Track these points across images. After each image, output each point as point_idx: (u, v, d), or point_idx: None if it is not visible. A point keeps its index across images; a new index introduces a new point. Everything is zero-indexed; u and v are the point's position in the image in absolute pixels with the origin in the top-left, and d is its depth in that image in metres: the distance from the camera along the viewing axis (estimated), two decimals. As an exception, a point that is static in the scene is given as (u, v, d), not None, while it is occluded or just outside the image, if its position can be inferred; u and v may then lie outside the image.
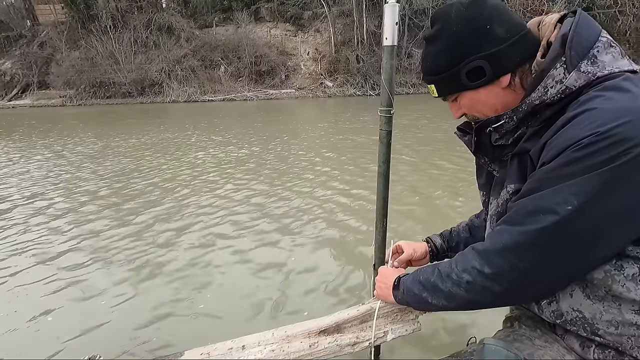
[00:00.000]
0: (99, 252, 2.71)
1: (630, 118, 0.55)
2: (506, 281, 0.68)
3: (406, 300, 0.89)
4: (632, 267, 0.62)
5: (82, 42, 22.30)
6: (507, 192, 0.76)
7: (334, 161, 5.21)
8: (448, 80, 0.77)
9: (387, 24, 0.81)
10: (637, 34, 20.68)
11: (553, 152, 0.61)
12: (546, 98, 0.66)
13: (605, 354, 0.68)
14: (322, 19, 22.92)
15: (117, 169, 5.34)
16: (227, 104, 18.55)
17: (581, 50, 0.64)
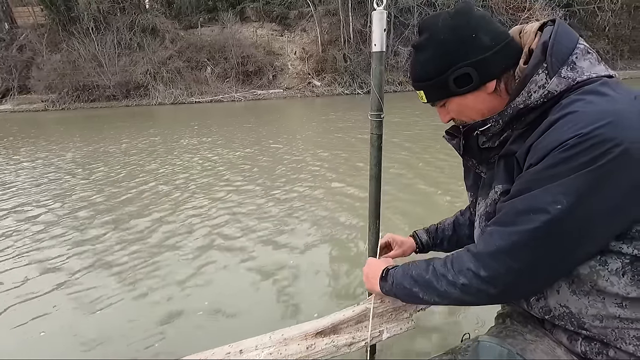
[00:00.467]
0: (98, 257, 2.68)
1: (611, 119, 0.58)
2: (502, 283, 0.70)
3: (394, 292, 0.91)
4: (616, 262, 0.65)
5: (63, 44, 21.81)
6: (495, 192, 0.79)
7: (327, 161, 5.23)
8: (436, 87, 0.79)
9: (375, 31, 0.83)
10: (616, 30, 21.25)
11: (539, 154, 0.64)
12: (530, 102, 0.69)
13: (591, 346, 0.71)
14: (309, 18, 22.89)
15: (111, 174, 5.26)
16: (215, 105, 18.39)
17: (561, 56, 0.67)
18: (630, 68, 20.89)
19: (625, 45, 21.36)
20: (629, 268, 0.64)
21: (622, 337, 0.67)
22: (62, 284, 2.34)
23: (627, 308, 0.65)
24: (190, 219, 3.35)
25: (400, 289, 0.88)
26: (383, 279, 0.94)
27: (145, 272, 2.43)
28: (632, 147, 0.56)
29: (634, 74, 19.94)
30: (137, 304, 2.10)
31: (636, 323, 0.66)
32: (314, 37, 22.36)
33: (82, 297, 2.19)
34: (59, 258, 2.72)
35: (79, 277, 2.42)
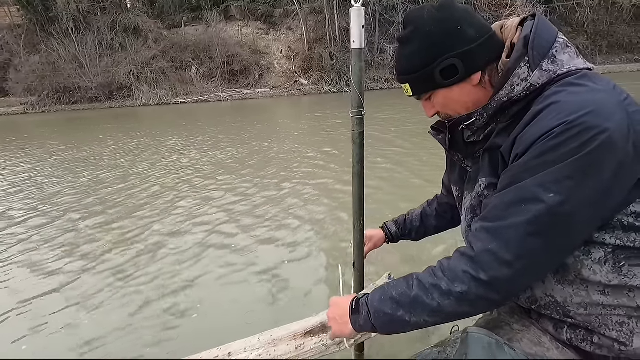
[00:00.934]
0: (87, 261, 2.62)
1: (593, 108, 0.59)
2: (505, 285, 0.66)
3: (371, 324, 0.78)
4: (599, 251, 0.66)
5: (42, 45, 21.20)
6: (480, 186, 0.80)
7: (317, 159, 5.22)
8: (422, 79, 0.79)
9: (353, 28, 0.83)
10: (594, 25, 21.80)
11: (525, 144, 0.64)
12: (513, 95, 0.70)
13: (576, 334, 0.73)
14: (294, 16, 22.80)
15: (100, 178, 5.14)
16: (201, 105, 18.17)
17: (542, 50, 0.69)
18: (609, 63, 21.48)
19: (603, 41, 21.94)
20: (611, 257, 0.66)
21: (606, 324, 0.69)
22: (57, 288, 2.29)
23: (609, 295, 0.67)
24: (181, 220, 3.30)
25: (379, 317, 0.77)
26: (354, 311, 0.81)
27: (135, 277, 2.39)
28: (613, 134, 0.58)
29: (612, 68, 20.50)
30: (127, 307, 2.06)
31: (618, 309, 0.67)
32: (300, 35, 22.28)
33: (75, 298, 2.14)
34: (49, 263, 2.65)
35: (72, 280, 2.37)
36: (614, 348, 0.69)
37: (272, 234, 2.90)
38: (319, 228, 2.93)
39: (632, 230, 0.64)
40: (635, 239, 0.64)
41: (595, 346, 0.71)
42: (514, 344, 0.75)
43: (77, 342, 1.82)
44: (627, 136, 0.59)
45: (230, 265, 2.47)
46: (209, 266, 2.47)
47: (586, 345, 0.72)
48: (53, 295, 2.25)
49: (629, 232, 0.64)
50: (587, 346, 0.72)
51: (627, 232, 0.64)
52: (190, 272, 2.39)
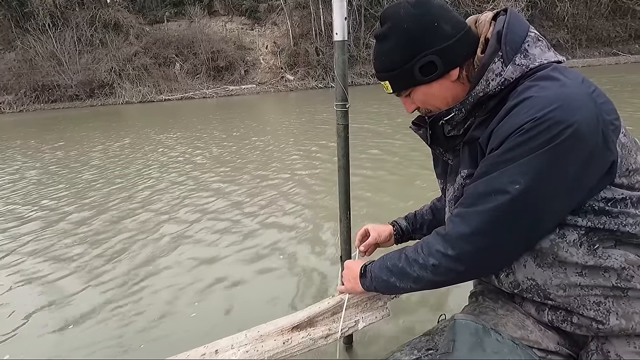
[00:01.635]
0: (73, 266, 2.55)
1: (562, 103, 0.62)
2: (469, 260, 0.74)
3: (374, 286, 0.92)
4: (572, 234, 0.70)
5: (17, 42, 20.47)
6: (461, 177, 0.82)
7: (309, 157, 5.18)
8: (402, 76, 0.79)
9: (336, 20, 0.82)
10: (574, 19, 22.30)
11: (499, 138, 0.67)
12: (489, 90, 0.72)
13: (557, 315, 0.77)
14: (279, 11, 22.59)
15: (88, 179, 5.00)
16: (186, 102, 17.86)
17: (514, 45, 0.71)
18: (588, 56, 22.04)
19: (583, 35, 22.48)
20: (585, 239, 0.70)
21: (584, 304, 0.72)
22: (46, 292, 2.22)
23: (586, 276, 0.71)
24: (185, 213, 3.25)
25: (379, 281, 0.90)
26: (362, 275, 0.95)
27: (126, 282, 2.35)
28: (580, 127, 0.61)
29: (592, 62, 21.05)
30: (119, 310, 2.02)
31: (595, 289, 0.71)
32: (285, 30, 22.10)
33: (62, 301, 2.09)
34: (30, 269, 2.58)
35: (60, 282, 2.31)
36: (592, 327, 0.73)
37: (273, 220, 2.89)
38: (308, 223, 2.93)
39: (603, 214, 0.68)
40: (605, 221, 0.68)
41: (574, 326, 0.75)
42: (499, 328, 0.78)
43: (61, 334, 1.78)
44: (596, 127, 0.63)
45: (211, 262, 2.45)
46: (190, 262, 2.44)
47: (566, 326, 0.76)
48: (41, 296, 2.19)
49: (599, 215, 0.68)
50: (567, 326, 0.76)
51: (597, 216, 0.68)
52: (185, 268, 2.36)
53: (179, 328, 1.83)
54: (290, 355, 1.00)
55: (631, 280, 0.70)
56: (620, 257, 0.69)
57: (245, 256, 2.51)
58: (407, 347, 0.89)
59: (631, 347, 0.72)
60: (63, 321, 1.97)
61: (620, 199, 0.68)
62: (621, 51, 21.97)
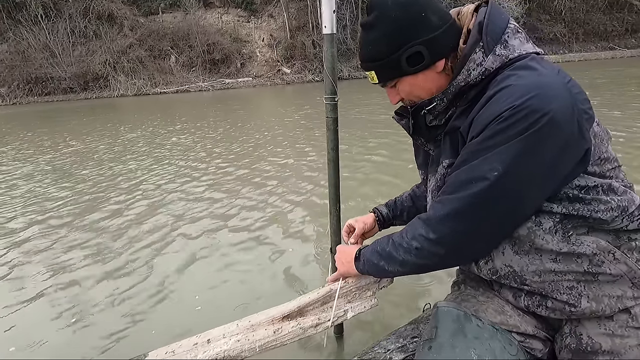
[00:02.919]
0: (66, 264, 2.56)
1: (538, 92, 0.64)
2: (449, 244, 0.76)
3: (367, 269, 0.95)
4: (548, 221, 0.73)
5: (9, 33, 20.14)
6: (443, 167, 0.84)
7: (307, 153, 5.18)
8: (389, 66, 0.80)
9: (325, 13, 0.82)
10: (571, 13, 22.24)
11: (479, 127, 0.70)
12: (470, 79, 0.74)
13: (532, 300, 0.80)
14: (275, 3, 22.36)
15: (90, 176, 4.97)
16: (181, 95, 17.71)
17: (495, 36, 0.73)
18: (585, 50, 22.03)
19: (580, 29, 22.43)
20: (560, 226, 0.73)
21: (557, 289, 0.76)
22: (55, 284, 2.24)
23: (560, 262, 0.74)
24: (186, 207, 3.26)
25: (370, 265, 0.93)
26: (357, 259, 0.98)
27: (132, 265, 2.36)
28: (556, 115, 0.64)
29: (588, 56, 21.06)
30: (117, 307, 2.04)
31: (568, 275, 0.75)
32: (282, 23, 21.90)
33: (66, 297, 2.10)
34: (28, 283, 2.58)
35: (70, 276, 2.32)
36: (565, 310, 0.77)
37: (269, 222, 2.90)
38: (302, 217, 2.95)
39: (576, 201, 0.71)
40: (579, 207, 0.71)
41: (549, 310, 0.79)
42: (480, 314, 0.81)
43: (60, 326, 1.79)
44: (571, 115, 0.65)
45: (205, 258, 2.46)
46: (184, 254, 2.46)
47: (541, 310, 0.80)
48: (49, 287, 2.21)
49: (573, 202, 0.71)
50: (543, 310, 0.79)
51: (572, 203, 0.71)
52: (184, 262, 2.38)
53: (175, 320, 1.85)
54: (281, 344, 1.03)
55: (601, 265, 0.73)
56: (592, 243, 0.72)
57: (236, 245, 2.53)
58: (393, 336, 0.92)
59: (602, 329, 0.76)
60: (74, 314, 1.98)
61: (593, 186, 0.71)
62: (618, 45, 21.98)
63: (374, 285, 1.06)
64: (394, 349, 0.92)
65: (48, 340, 1.78)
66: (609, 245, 0.73)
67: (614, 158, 0.75)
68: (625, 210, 0.72)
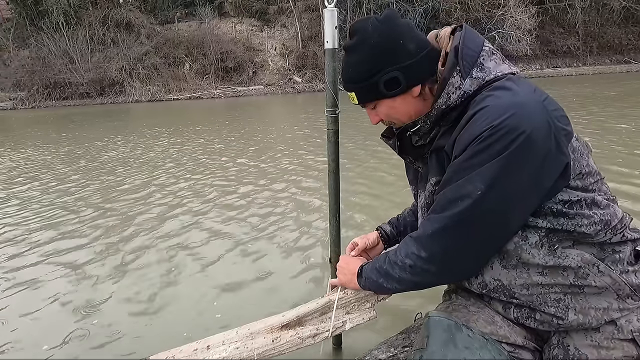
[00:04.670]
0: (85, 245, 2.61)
1: (514, 111, 0.67)
2: (439, 261, 0.79)
3: (368, 285, 0.97)
4: (534, 235, 0.75)
5: (31, 40, 20.89)
6: (431, 184, 0.88)
7: (315, 162, 5.22)
8: (367, 89, 0.84)
9: (327, 28, 0.85)
10: (585, 26, 22.05)
11: (461, 147, 0.73)
12: (450, 102, 0.78)
13: (521, 312, 0.82)
14: (288, 13, 22.73)
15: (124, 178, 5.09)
16: (194, 102, 18.01)
17: (470, 59, 0.76)
18: (599, 64, 21.77)
19: (594, 42, 22.20)
20: (545, 240, 0.75)
21: (545, 301, 0.78)
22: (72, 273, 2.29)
23: (547, 275, 0.76)
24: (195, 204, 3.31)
25: (370, 282, 0.96)
26: (359, 275, 1.00)
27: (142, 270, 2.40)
28: (533, 133, 0.66)
29: (603, 69, 20.79)
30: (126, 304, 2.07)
31: (555, 287, 0.77)
32: (294, 32, 22.22)
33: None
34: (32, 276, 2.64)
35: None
36: (553, 322, 0.78)
37: (251, 233, 2.92)
38: (306, 227, 2.96)
39: (561, 215, 0.73)
40: (563, 222, 0.73)
41: (537, 322, 0.80)
42: (470, 324, 0.82)
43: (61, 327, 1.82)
44: (547, 132, 0.68)
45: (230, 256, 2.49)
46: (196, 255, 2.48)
47: (530, 322, 0.81)
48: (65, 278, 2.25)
49: (557, 217, 0.73)
50: (531, 323, 0.81)
51: (556, 217, 0.73)
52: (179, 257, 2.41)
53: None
54: (279, 353, 1.03)
55: (587, 277, 0.75)
56: (577, 256, 0.75)
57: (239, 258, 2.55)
58: (384, 345, 0.92)
59: (588, 341, 0.77)
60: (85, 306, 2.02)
61: (576, 200, 0.73)
62: (633, 59, 21.67)
63: (373, 297, 1.07)
64: (384, 358, 0.94)
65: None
66: (593, 258, 0.75)
67: (596, 171, 0.77)
68: (608, 224, 0.74)
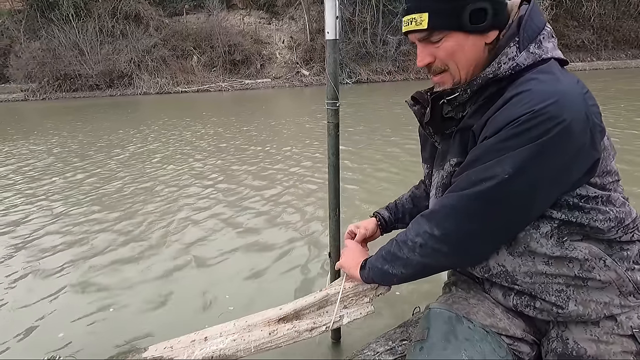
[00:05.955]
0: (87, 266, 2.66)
1: (557, 98, 0.65)
2: (454, 241, 0.76)
3: (371, 277, 0.95)
4: (546, 225, 0.74)
5: (42, 31, 21.01)
6: (450, 165, 0.84)
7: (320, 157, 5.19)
8: (449, 13, 0.73)
9: (328, 19, 0.83)
10: (601, 20, 21.46)
11: (494, 128, 0.69)
12: (499, 72, 0.73)
13: (521, 300, 0.81)
14: (297, 6, 22.52)
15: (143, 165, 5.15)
16: (202, 95, 18.04)
17: (531, 34, 0.73)
18: (614, 58, 21.21)
19: (609, 36, 21.60)
20: (556, 231, 0.74)
21: (547, 290, 0.78)
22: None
23: (552, 265, 0.76)
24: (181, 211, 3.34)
25: (375, 271, 0.93)
26: (362, 268, 0.99)
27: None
28: (572, 123, 0.65)
29: (617, 64, 20.26)
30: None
31: (559, 278, 0.76)
32: (302, 25, 22.03)
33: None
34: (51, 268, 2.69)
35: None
36: (552, 311, 0.78)
37: (254, 226, 2.93)
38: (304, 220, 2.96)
39: (576, 209, 0.72)
40: (578, 215, 0.72)
41: (537, 310, 0.80)
42: (471, 316, 0.82)
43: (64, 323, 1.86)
44: (585, 125, 0.66)
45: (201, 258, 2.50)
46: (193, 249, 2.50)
47: (529, 310, 0.81)
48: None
49: (573, 210, 0.72)
50: (530, 311, 0.81)
51: (571, 210, 0.72)
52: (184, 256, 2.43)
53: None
54: (276, 345, 1.03)
55: (592, 271, 0.74)
56: (584, 249, 0.74)
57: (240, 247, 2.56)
58: (383, 339, 0.93)
59: (587, 334, 0.77)
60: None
61: (593, 197, 0.72)
62: (650, 54, 21.07)
63: (371, 292, 1.06)
64: (382, 351, 0.94)
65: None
66: (601, 252, 0.74)
67: (616, 172, 0.75)
68: (621, 222, 0.74)
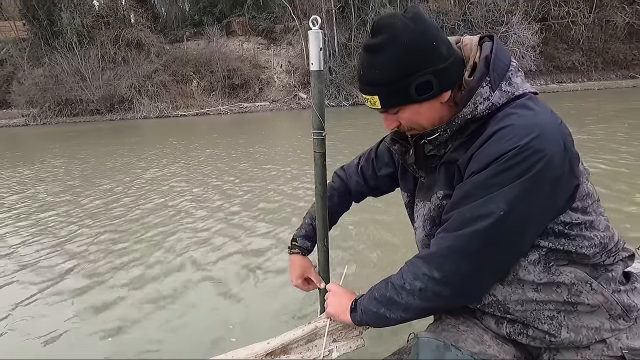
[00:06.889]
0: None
1: (539, 132, 0.67)
2: (454, 282, 0.75)
3: (365, 320, 0.90)
4: (534, 254, 0.74)
5: (45, 59, 21.56)
6: (438, 197, 0.84)
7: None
8: (395, 92, 0.76)
9: (312, 50, 0.84)
10: (589, 42, 22.15)
11: (481, 163, 0.70)
12: (477, 113, 0.74)
13: (514, 328, 0.80)
14: (294, 32, 23.24)
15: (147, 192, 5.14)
16: (201, 118, 18.28)
17: (501, 72, 0.74)
18: (604, 79, 21.73)
19: (598, 57, 22.23)
20: (543, 258, 0.75)
21: (539, 318, 0.77)
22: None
23: (541, 292, 0.76)
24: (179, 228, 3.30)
25: (369, 314, 0.88)
26: (353, 310, 0.93)
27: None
28: (554, 155, 0.67)
29: (608, 84, 20.74)
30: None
31: (548, 304, 0.76)
32: (300, 50, 22.66)
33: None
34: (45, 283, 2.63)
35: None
36: (545, 339, 0.77)
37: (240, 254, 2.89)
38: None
39: (562, 236, 0.73)
40: (564, 242, 0.74)
41: (530, 338, 0.79)
42: (459, 344, 0.80)
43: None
44: (564, 155, 0.69)
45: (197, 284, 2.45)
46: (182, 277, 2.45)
47: (522, 338, 0.80)
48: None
49: (559, 237, 0.73)
50: (523, 339, 0.80)
51: (557, 238, 0.73)
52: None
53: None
54: (263, 382, 0.99)
55: (580, 295, 0.75)
56: (570, 273, 0.75)
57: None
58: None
59: (579, 357, 0.77)
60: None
61: (577, 223, 0.73)
62: (639, 74, 21.61)
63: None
64: None
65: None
66: (587, 276, 0.75)
67: (593, 193, 0.77)
68: (605, 247, 0.75)
